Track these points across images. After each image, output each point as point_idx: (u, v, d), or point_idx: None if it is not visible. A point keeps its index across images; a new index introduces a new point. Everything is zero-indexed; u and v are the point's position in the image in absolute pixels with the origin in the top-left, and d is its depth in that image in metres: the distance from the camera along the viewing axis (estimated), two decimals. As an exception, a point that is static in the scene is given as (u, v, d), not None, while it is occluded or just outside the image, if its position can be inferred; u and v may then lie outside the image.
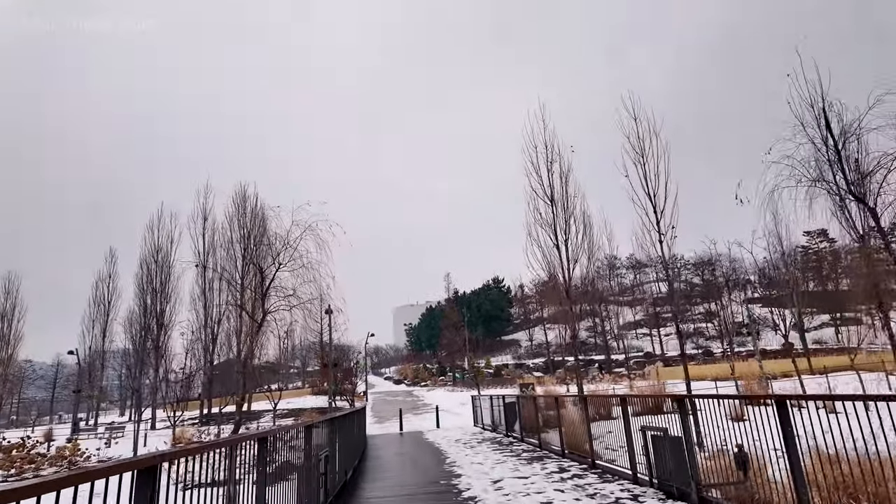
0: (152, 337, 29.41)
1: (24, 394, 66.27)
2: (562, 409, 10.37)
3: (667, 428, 6.20)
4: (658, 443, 6.38)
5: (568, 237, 16.56)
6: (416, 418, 24.76)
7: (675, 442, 6.07)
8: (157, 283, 29.98)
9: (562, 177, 16.91)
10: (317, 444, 6.17)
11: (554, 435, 11.57)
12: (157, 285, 29.89)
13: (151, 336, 29.46)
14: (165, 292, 30.28)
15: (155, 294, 30.01)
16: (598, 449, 8.95)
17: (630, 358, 51.86)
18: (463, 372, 59.04)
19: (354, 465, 10.02)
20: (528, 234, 17.07)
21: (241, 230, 17.80)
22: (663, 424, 6.41)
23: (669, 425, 6.28)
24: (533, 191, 17.28)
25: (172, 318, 29.33)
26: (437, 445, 13.27)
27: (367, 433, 18.01)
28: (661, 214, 12.47)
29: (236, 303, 15.17)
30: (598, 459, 8.63)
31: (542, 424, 11.92)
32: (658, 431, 6.37)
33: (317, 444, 6.17)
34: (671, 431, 6.17)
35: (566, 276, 16.33)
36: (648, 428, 6.63)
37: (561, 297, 16.61)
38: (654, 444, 6.44)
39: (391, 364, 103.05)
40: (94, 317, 40.19)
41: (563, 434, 10.16)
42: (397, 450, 13.48)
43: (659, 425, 6.59)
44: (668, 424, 6.21)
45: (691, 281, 78.10)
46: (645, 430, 6.69)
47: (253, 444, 3.82)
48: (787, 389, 17.80)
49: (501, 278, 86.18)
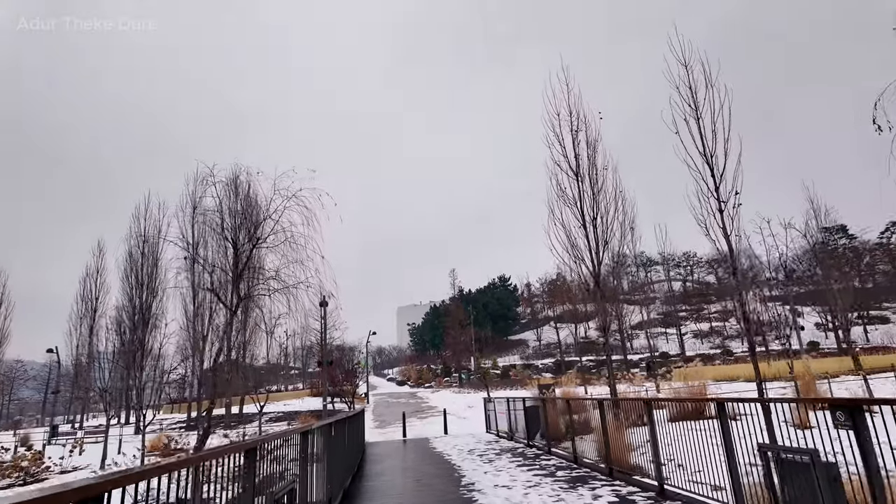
0: (137, 335, 27.35)
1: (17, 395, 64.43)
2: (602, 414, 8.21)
3: (815, 449, 4.02)
4: (793, 471, 4.19)
5: (596, 216, 14.40)
6: (421, 423, 22.59)
7: (827, 470, 3.90)
8: (143, 275, 27.96)
9: (589, 146, 14.75)
10: (275, 473, 4.03)
11: (587, 445, 9.45)
12: (142, 278, 27.87)
13: (136, 334, 27.41)
14: (152, 286, 28.25)
15: (140, 287, 27.99)
16: (643, 464, 6.78)
17: (645, 358, 49.47)
18: (469, 373, 56.78)
19: (345, 486, 7.87)
20: (551, 212, 14.90)
21: (233, 219, 15.59)
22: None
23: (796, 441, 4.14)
24: (556, 164, 15.11)
25: (159, 313, 27.28)
26: (448, 457, 11.11)
27: (366, 440, 15.88)
28: (721, 179, 10.32)
29: (208, 287, 12.94)
30: (667, 484, 6.45)
31: (574, 433, 9.76)
32: (796, 454, 4.16)
33: (275, 473, 4.03)
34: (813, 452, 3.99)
35: (594, 260, 14.17)
36: (774, 448, 4.43)
37: (588, 285, 14.40)
38: (789, 473, 4.24)
39: (394, 365, 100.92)
40: (81, 314, 38.30)
41: (609, 447, 7.99)
42: (401, 463, 11.32)
43: (784, 443, 4.44)
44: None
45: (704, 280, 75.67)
46: (766, 449, 4.50)
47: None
48: (853, 392, 15.52)
49: (508, 277, 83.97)
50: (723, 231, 9.99)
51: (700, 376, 26.67)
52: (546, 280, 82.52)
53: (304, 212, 11.53)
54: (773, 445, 4.36)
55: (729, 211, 10.07)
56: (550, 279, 79.44)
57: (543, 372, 54.16)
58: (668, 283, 74.31)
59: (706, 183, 10.35)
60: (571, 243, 14.56)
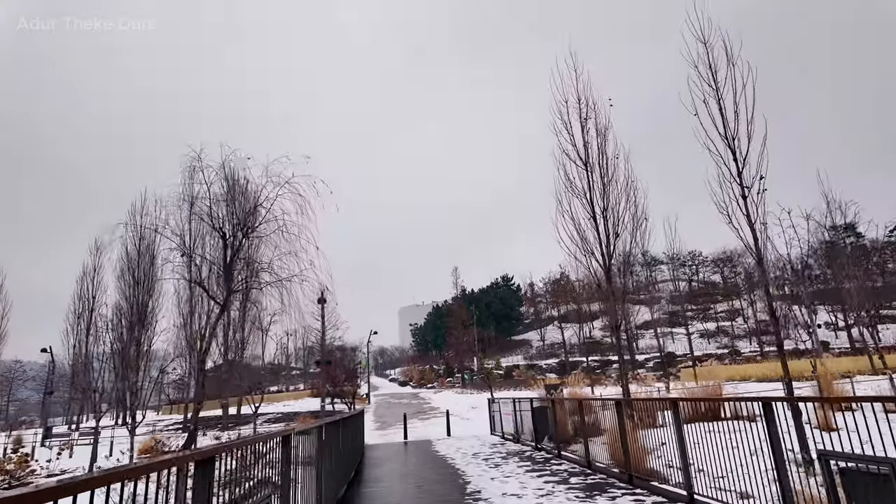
0: (134, 335, 26.72)
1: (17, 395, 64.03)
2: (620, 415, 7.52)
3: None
4: (865, 485, 3.51)
5: (607, 207, 13.71)
6: (423, 424, 21.92)
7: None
8: (139, 273, 27.30)
9: (598, 134, 14.07)
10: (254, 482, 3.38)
11: (599, 449, 8.77)
12: (139, 276, 27.21)
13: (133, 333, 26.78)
14: (148, 285, 27.61)
15: (137, 285, 27.33)
16: (660, 468, 6.11)
17: (651, 359, 48.67)
18: (472, 373, 56.07)
19: (339, 495, 7.20)
20: (559, 203, 14.22)
21: (220, 207, 14.84)
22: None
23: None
24: (563, 152, 14.43)
25: (155, 311, 26.64)
26: (451, 461, 10.44)
27: (366, 442, 15.22)
28: (745, 162, 9.62)
29: (196, 280, 12.15)
30: (698, 494, 5.75)
31: (585, 435, 9.07)
32: (870, 464, 3.47)
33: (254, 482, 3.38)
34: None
35: (605, 253, 13.49)
36: (840, 456, 3.74)
37: (598, 280, 13.72)
38: (860, 488, 3.55)
39: (396, 365, 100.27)
40: (78, 313, 37.69)
41: (627, 451, 7.31)
42: (401, 467, 10.66)
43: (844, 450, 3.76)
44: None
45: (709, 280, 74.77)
46: (829, 457, 3.81)
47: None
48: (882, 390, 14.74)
49: (511, 276, 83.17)
50: (746, 218, 9.30)
51: (713, 376, 25.96)
52: (549, 280, 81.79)
53: (297, 199, 10.91)
54: (840, 453, 3.67)
55: (753, 197, 9.38)
56: (554, 279, 78.71)
57: (547, 372, 53.38)
58: (674, 283, 73.44)
59: (728, 168, 9.67)
60: (581, 236, 13.89)
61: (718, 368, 32.45)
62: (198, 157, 11.54)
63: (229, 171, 11.33)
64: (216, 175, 11.33)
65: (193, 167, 11.64)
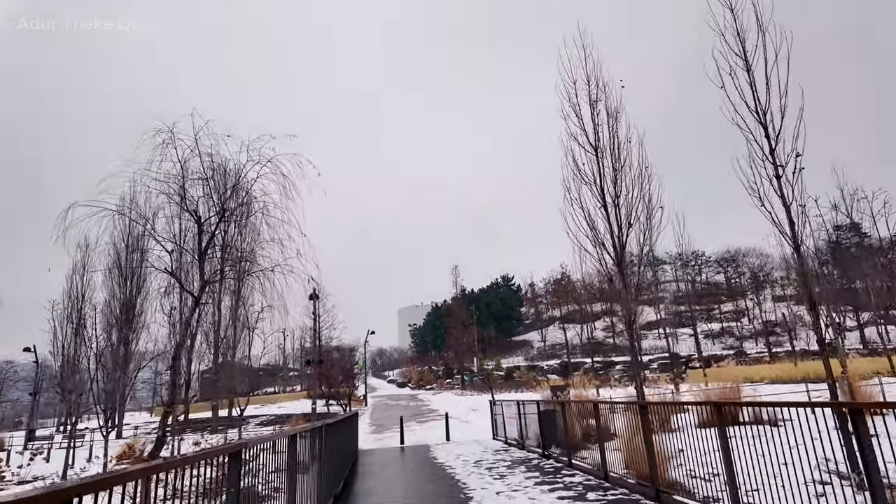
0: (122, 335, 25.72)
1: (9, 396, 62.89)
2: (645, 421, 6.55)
3: None
4: None
5: (619, 194, 12.73)
6: (421, 427, 20.93)
7: None
8: (126, 270, 26.33)
9: (609, 116, 13.09)
10: None
11: (614, 456, 7.81)
12: (126, 272, 26.24)
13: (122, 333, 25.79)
14: (137, 283, 26.64)
15: (125, 282, 26.39)
16: (683, 481, 5.14)
17: (655, 359, 47.67)
18: (471, 374, 55.04)
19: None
20: (567, 191, 13.23)
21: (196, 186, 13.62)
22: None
23: None
24: (572, 137, 13.43)
25: (144, 311, 25.67)
26: (451, 471, 9.45)
27: (360, 448, 14.24)
28: (778, 139, 8.66)
29: (166, 269, 11.08)
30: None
31: (601, 442, 8.09)
32: None
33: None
34: None
35: (616, 244, 12.50)
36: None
37: (610, 272, 12.73)
38: None
39: (395, 367, 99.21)
40: (67, 311, 36.68)
41: (654, 464, 6.32)
42: (396, 478, 9.68)
43: None
44: None
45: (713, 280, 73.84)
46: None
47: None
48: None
49: (511, 276, 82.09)
50: (781, 200, 8.33)
51: (722, 378, 24.98)
52: (550, 280, 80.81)
53: (281, 180, 9.88)
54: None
55: (787, 177, 8.42)
56: (555, 279, 77.73)
57: (549, 373, 52.37)
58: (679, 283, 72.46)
59: (759, 145, 8.71)
60: (590, 225, 12.90)
61: (733, 369, 31.48)
62: (169, 130, 10.48)
63: (205, 146, 10.34)
64: (190, 151, 10.32)
65: (165, 142, 10.63)
